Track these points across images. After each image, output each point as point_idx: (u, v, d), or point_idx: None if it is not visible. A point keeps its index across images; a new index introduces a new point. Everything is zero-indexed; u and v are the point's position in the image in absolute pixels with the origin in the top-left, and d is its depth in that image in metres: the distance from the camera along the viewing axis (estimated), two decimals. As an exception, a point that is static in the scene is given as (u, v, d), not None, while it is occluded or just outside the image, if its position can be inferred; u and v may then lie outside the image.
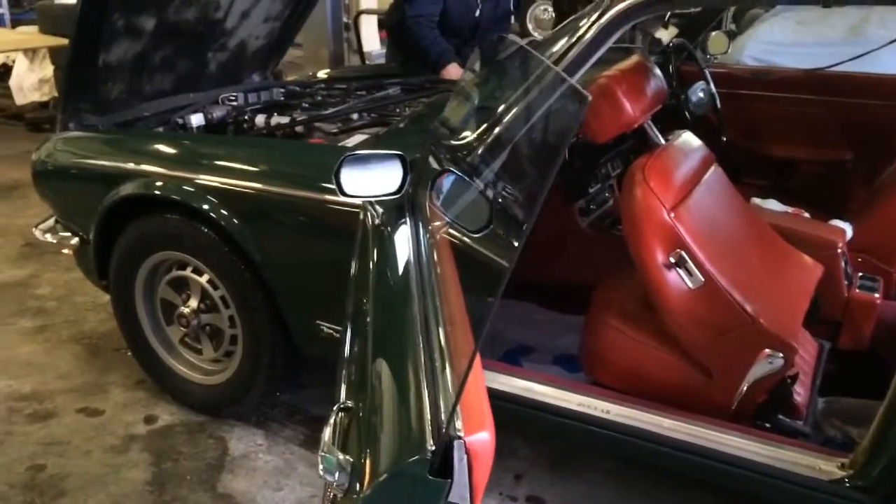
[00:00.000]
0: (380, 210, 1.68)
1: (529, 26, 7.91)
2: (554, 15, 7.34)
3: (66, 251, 2.75)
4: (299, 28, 3.79)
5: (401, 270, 1.53)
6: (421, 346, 1.21)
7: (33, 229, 2.75)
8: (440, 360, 1.16)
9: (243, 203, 2.20)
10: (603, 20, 1.77)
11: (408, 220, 1.64)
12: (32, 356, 2.95)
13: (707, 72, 2.87)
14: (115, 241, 2.51)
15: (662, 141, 2.06)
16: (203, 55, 3.21)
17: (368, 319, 1.44)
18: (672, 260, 1.84)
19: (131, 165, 2.42)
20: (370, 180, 1.60)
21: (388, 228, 1.64)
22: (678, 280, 1.86)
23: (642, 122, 1.99)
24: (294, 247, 2.19)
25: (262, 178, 2.16)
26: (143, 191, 2.34)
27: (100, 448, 2.44)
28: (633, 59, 2.15)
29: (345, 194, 1.58)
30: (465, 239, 1.68)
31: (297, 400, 2.65)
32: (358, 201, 1.94)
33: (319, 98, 3.10)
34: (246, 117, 2.85)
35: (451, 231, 1.63)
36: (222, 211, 2.22)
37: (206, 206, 2.23)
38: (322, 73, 3.87)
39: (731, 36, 3.59)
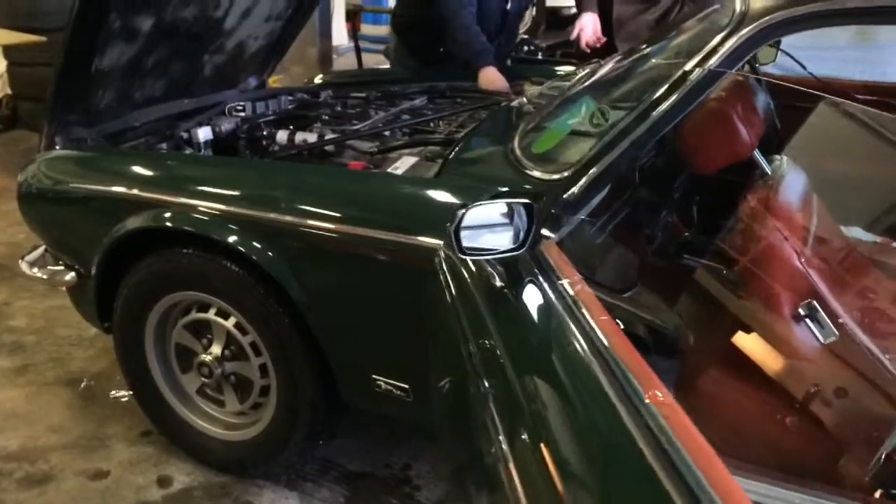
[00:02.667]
0: (498, 269, 1.39)
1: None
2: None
3: (60, 288, 2.39)
4: (301, 27, 3.49)
5: (560, 344, 1.24)
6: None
7: (19, 262, 2.38)
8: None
9: (285, 238, 1.89)
10: (742, 35, 1.51)
11: (537, 278, 1.36)
12: (15, 404, 2.58)
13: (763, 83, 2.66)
14: (120, 278, 2.19)
15: (769, 169, 1.83)
16: (199, 58, 2.89)
17: (524, 399, 1.14)
18: (802, 312, 1.62)
19: (142, 192, 2.09)
20: (489, 233, 1.32)
21: (515, 290, 1.36)
22: (807, 335, 1.63)
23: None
24: (348, 289, 1.89)
25: (316, 213, 1.85)
26: (159, 223, 2.02)
27: (109, 519, 2.11)
28: (734, 76, 1.91)
29: (464, 252, 1.30)
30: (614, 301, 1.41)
31: (329, 452, 2.35)
32: (435, 244, 1.68)
33: (339, 109, 2.79)
34: (265, 132, 2.52)
35: (592, 291, 1.36)
36: (258, 246, 1.91)
37: (238, 241, 1.92)
38: (318, 79, 3.56)
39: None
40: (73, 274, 2.30)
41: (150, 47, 2.56)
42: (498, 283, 1.34)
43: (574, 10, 7.64)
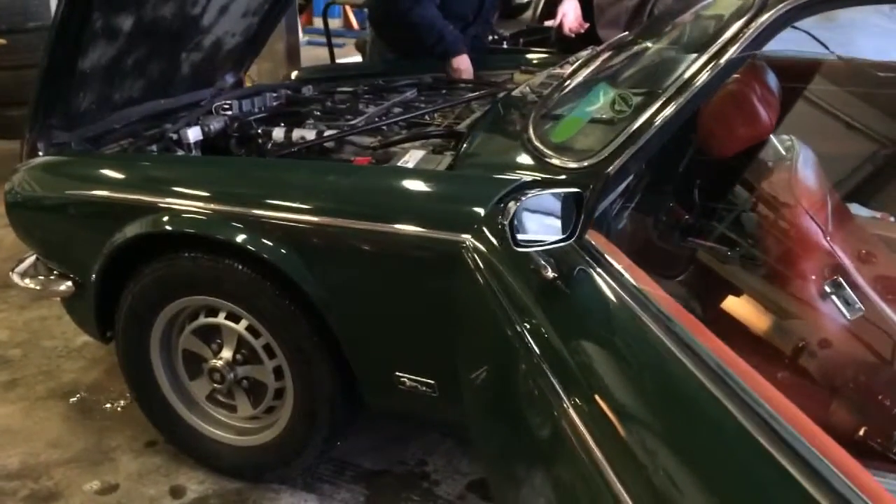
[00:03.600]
0: (546, 258, 1.37)
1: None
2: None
3: (53, 298, 2.31)
4: (277, 23, 3.44)
5: (624, 324, 1.24)
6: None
7: (10, 273, 2.29)
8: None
9: (302, 237, 1.85)
10: (761, 21, 1.52)
11: (589, 266, 1.35)
12: (10, 420, 2.49)
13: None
14: (121, 286, 2.12)
15: (783, 150, 1.85)
16: (176, 56, 2.83)
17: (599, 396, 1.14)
18: (828, 289, 1.64)
19: (139, 196, 2.03)
20: (536, 224, 1.31)
21: (566, 278, 1.35)
22: (833, 311, 1.66)
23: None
24: (370, 287, 1.86)
25: (336, 211, 1.82)
26: (159, 228, 1.96)
27: (126, 534, 2.06)
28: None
29: (518, 245, 1.28)
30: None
31: (342, 452, 2.31)
32: (462, 238, 1.66)
33: (329, 104, 2.74)
34: (259, 130, 2.47)
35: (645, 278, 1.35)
36: (272, 246, 1.87)
37: (250, 242, 1.87)
38: (294, 75, 3.50)
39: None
40: (69, 283, 2.22)
41: (129, 47, 2.49)
42: (549, 273, 1.33)
43: (526, 0, 7.65)
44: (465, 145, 1.97)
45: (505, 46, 5.42)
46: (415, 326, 1.84)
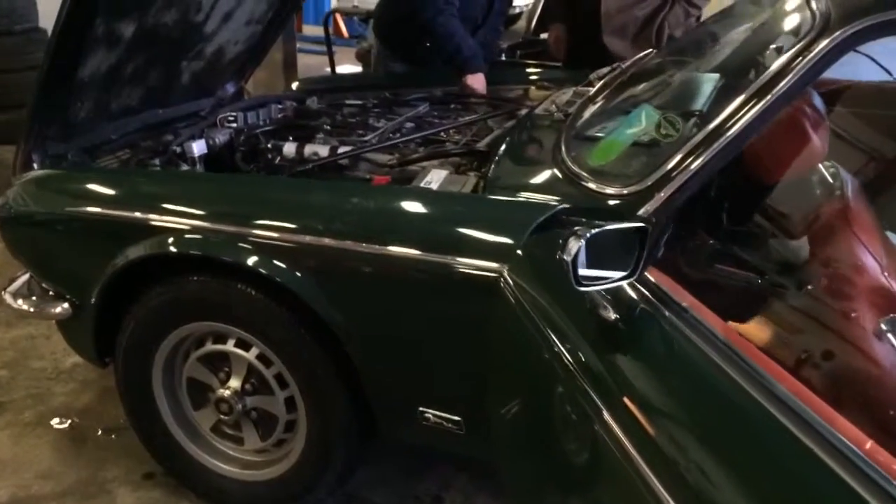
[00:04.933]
0: (608, 297, 1.27)
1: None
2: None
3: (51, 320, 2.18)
4: (281, 31, 3.33)
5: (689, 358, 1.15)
6: None
7: (2, 293, 2.15)
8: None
9: (322, 263, 1.74)
10: (822, 46, 1.43)
11: (653, 307, 1.25)
12: (-3, 449, 2.35)
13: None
14: (123, 309, 1.99)
15: (829, 177, 1.77)
16: (177, 65, 2.71)
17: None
18: (884, 327, 1.55)
19: (142, 215, 1.90)
20: (597, 261, 1.21)
21: (630, 323, 1.25)
22: (889, 351, 1.57)
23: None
24: (394, 316, 1.75)
25: (361, 235, 1.70)
26: (172, 249, 1.83)
27: (124, 575, 1.92)
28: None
29: (581, 284, 1.18)
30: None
31: (352, 485, 2.17)
32: (501, 268, 1.56)
33: (339, 118, 2.63)
34: (269, 145, 2.35)
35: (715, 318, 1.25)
36: (288, 272, 1.75)
37: (264, 267, 1.76)
38: (294, 85, 3.39)
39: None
40: (65, 305, 2.09)
41: (129, 54, 2.38)
42: (610, 314, 1.22)
43: (518, 10, 7.61)
44: (493, 167, 1.87)
45: (504, 59, 5.36)
46: (442, 359, 1.73)
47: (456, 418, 1.75)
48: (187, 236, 1.84)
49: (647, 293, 1.27)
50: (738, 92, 1.50)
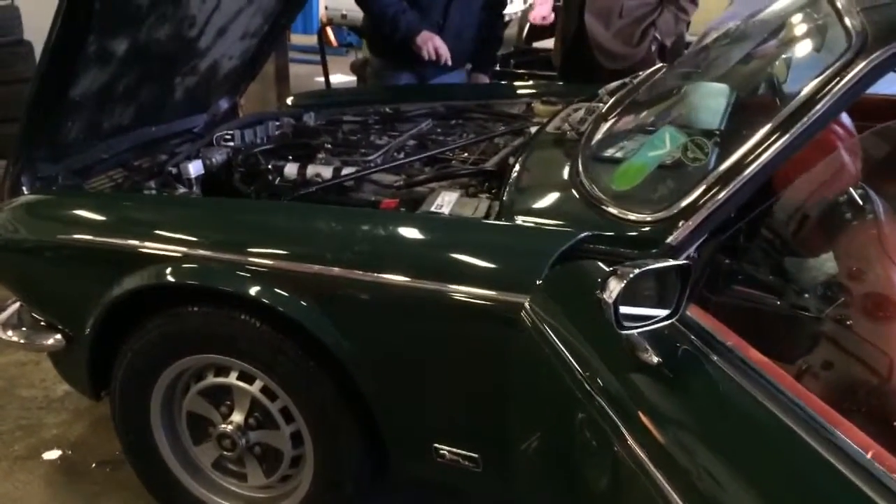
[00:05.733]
0: (649, 339, 1.19)
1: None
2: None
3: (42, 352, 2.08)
4: (275, 45, 3.25)
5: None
6: None
7: (-9, 323, 2.06)
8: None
9: (332, 293, 1.66)
10: (860, 68, 1.36)
11: (698, 349, 1.17)
12: (-14, 485, 2.25)
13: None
14: (118, 339, 1.90)
15: (858, 199, 1.70)
16: (170, 81, 2.62)
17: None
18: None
19: (141, 242, 1.81)
20: (636, 300, 1.13)
21: (675, 367, 1.17)
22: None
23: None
24: (409, 349, 1.66)
25: (374, 265, 1.62)
26: (171, 279, 1.74)
27: None
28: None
29: (623, 327, 1.10)
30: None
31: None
32: (522, 300, 1.48)
33: (341, 136, 2.55)
34: (270, 165, 2.26)
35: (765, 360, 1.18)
36: (294, 300, 1.67)
37: (270, 297, 1.67)
38: (290, 100, 3.29)
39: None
40: (57, 337, 1.99)
41: (122, 71, 2.29)
42: (652, 357, 1.14)
43: (507, 19, 7.57)
44: (508, 190, 1.79)
45: (498, 68, 5.30)
46: (459, 393, 1.65)
47: (473, 455, 1.67)
48: (187, 265, 1.75)
49: (688, 333, 1.19)
50: (769, 115, 1.43)
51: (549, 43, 5.79)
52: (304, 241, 1.73)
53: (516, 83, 3.69)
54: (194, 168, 2.29)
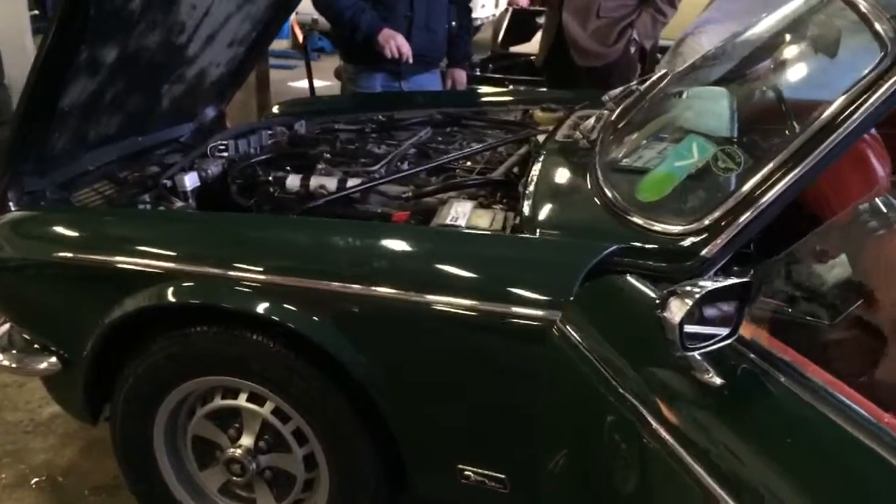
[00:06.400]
0: (701, 360, 1.14)
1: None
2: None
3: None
4: (263, 52, 3.18)
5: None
6: None
7: (-20, 347, 1.95)
8: None
9: (349, 310, 1.60)
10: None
11: (758, 368, 1.13)
12: (-27, 516, 2.14)
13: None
14: (118, 361, 1.82)
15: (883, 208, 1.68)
16: (157, 89, 2.55)
17: None
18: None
19: (141, 260, 1.73)
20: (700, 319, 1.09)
21: (737, 388, 1.12)
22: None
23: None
24: (431, 366, 1.61)
25: (390, 280, 1.56)
26: (174, 299, 1.67)
27: None
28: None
29: (686, 349, 1.06)
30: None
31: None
32: (555, 316, 1.44)
33: (339, 145, 2.48)
34: (271, 177, 2.19)
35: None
36: (309, 318, 1.61)
37: (284, 317, 1.61)
38: (276, 108, 3.22)
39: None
40: (52, 360, 1.90)
41: (110, 80, 2.21)
42: (714, 378, 1.10)
43: (479, 22, 7.54)
44: (527, 202, 1.74)
45: (478, 73, 5.26)
46: (486, 412, 1.60)
47: (500, 475, 1.62)
48: (195, 284, 1.68)
49: (745, 351, 1.15)
50: (803, 124, 1.41)
51: (527, 47, 5.79)
52: (321, 256, 1.67)
53: (504, 89, 3.66)
54: (190, 180, 2.21)
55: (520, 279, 1.51)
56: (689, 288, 1.06)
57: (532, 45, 5.84)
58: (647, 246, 1.51)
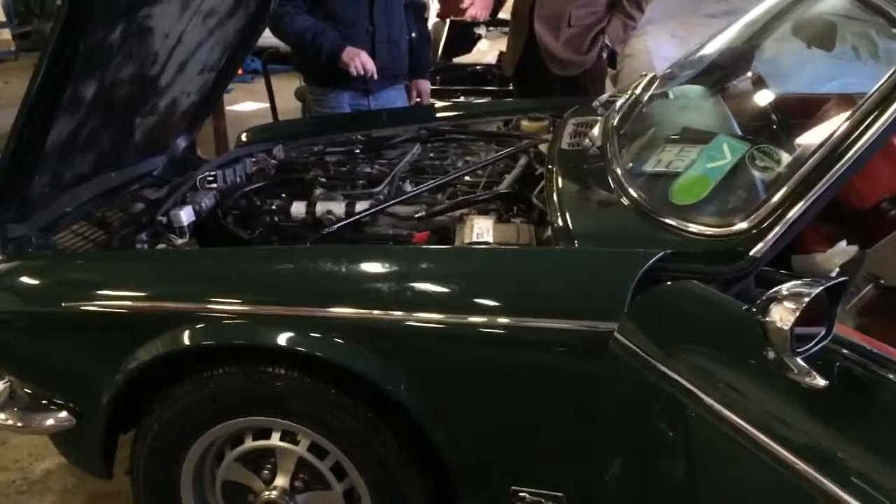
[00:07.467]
0: (800, 363, 1.13)
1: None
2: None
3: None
4: (231, 78, 3.08)
5: None
6: None
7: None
8: None
9: (393, 337, 1.55)
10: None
11: (859, 366, 1.13)
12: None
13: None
14: (138, 412, 1.73)
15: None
16: (130, 123, 2.48)
17: None
18: None
19: (153, 304, 1.67)
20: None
21: (841, 388, 1.12)
22: None
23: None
24: (484, 389, 1.56)
25: (434, 304, 1.52)
26: (217, 339, 1.60)
27: None
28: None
29: (796, 353, 1.05)
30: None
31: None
32: (610, 328, 1.42)
33: (332, 169, 2.42)
34: (273, 206, 2.12)
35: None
36: (349, 350, 1.55)
37: (325, 350, 1.56)
38: (244, 135, 3.12)
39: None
40: (64, 414, 1.79)
41: (87, 118, 2.14)
42: (818, 380, 1.08)
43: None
44: (557, 215, 1.71)
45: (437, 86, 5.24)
46: (542, 432, 1.56)
47: (558, 494, 1.59)
48: (224, 324, 1.61)
49: (838, 348, 1.15)
50: (843, 115, 1.43)
51: (469, 58, 5.80)
52: (357, 285, 1.61)
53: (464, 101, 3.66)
54: (186, 215, 2.13)
55: (569, 293, 1.50)
56: (791, 291, 1.05)
57: (473, 56, 5.86)
58: (692, 249, 1.50)
